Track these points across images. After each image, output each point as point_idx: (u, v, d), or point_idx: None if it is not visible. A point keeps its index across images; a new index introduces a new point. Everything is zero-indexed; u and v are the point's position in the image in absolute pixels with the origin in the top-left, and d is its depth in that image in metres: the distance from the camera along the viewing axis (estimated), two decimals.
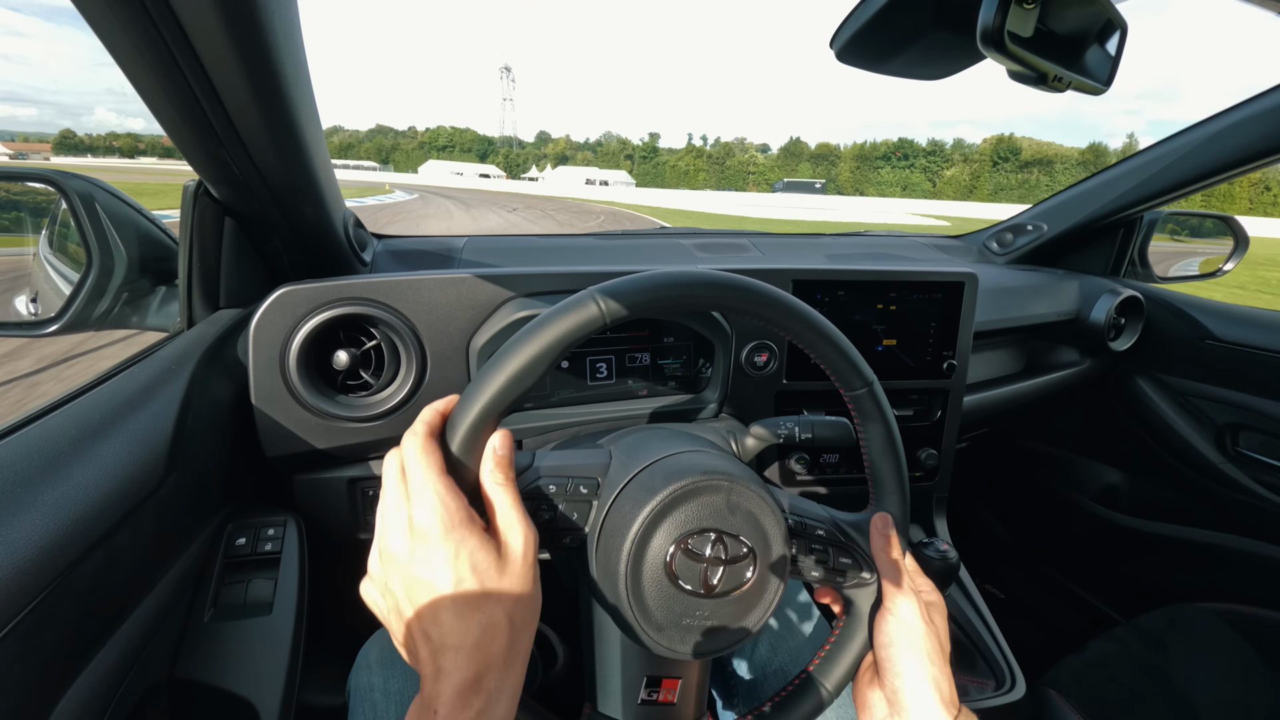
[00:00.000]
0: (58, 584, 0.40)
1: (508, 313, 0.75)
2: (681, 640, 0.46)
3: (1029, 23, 0.46)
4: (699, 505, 0.46)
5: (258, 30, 0.49)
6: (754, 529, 0.47)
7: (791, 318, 0.49)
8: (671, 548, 0.45)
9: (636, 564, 0.45)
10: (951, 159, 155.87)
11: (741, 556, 0.46)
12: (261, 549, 0.64)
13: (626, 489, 0.48)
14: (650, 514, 0.45)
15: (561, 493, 0.48)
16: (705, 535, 0.45)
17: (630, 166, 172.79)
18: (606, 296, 0.44)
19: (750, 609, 0.48)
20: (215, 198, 0.72)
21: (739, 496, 0.47)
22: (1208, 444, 1.23)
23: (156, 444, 0.54)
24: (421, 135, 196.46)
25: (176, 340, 0.71)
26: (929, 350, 0.99)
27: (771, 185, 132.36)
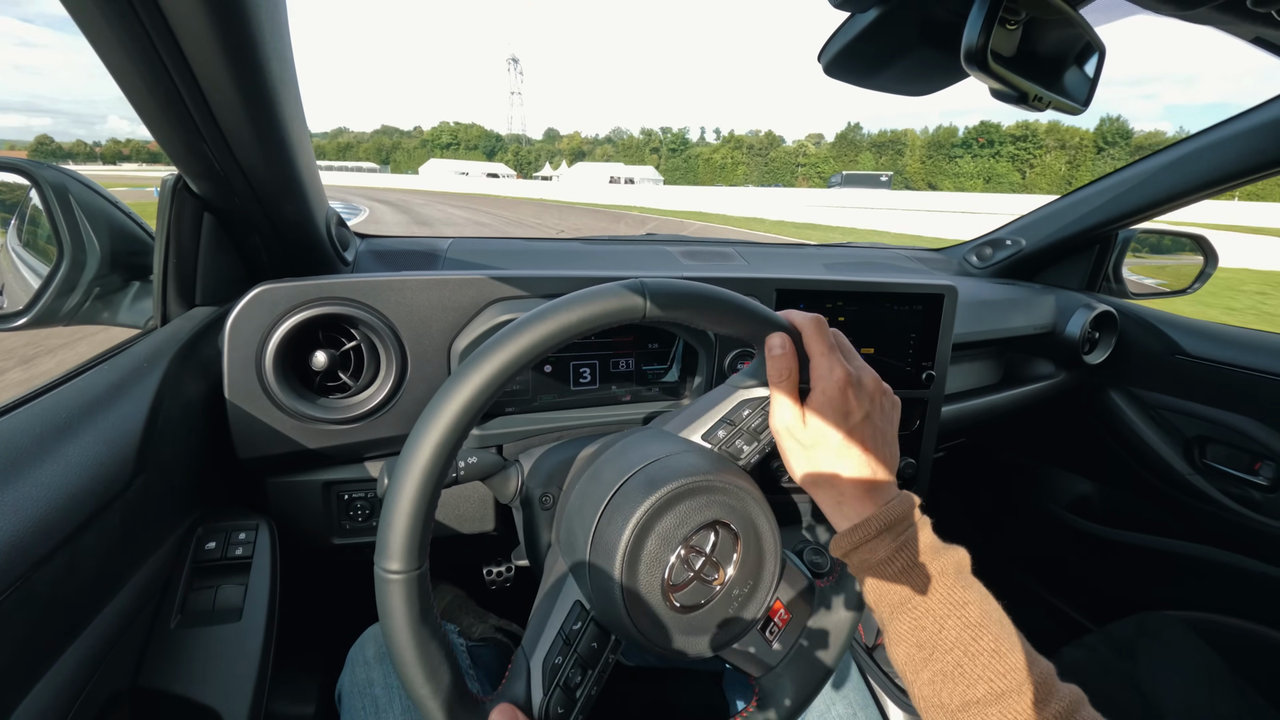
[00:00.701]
0: (16, 588, 0.38)
1: (490, 316, 0.75)
2: (696, 645, 0.47)
3: (1011, 43, 0.47)
4: (675, 515, 0.45)
5: (243, 23, 0.48)
6: (730, 513, 0.47)
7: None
8: (662, 581, 0.45)
9: (630, 603, 0.44)
10: (1045, 145, 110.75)
11: (718, 543, 0.46)
12: (232, 553, 0.62)
13: (594, 577, 0.46)
14: (621, 575, 0.44)
15: (568, 654, 0.47)
16: (690, 548, 0.45)
17: (657, 161, 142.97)
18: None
19: (753, 594, 0.48)
20: (194, 192, 0.70)
21: (708, 492, 0.46)
22: (1177, 456, 1.26)
23: (125, 444, 0.52)
24: (424, 134, 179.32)
25: (149, 337, 0.69)
26: (909, 360, 1.00)
27: (827, 180, 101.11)
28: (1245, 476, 1.16)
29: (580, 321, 0.41)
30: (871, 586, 0.45)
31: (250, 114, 0.56)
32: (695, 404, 0.55)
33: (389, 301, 0.72)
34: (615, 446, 0.53)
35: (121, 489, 0.50)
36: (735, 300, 0.47)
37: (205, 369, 0.69)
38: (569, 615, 0.48)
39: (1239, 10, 0.43)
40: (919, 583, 0.43)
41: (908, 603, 0.43)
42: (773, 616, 0.53)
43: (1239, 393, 1.17)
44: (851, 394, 0.47)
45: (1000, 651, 0.40)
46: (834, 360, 0.48)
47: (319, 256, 0.86)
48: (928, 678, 0.41)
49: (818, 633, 0.55)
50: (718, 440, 0.52)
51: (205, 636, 0.55)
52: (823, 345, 0.48)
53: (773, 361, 0.48)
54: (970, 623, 0.41)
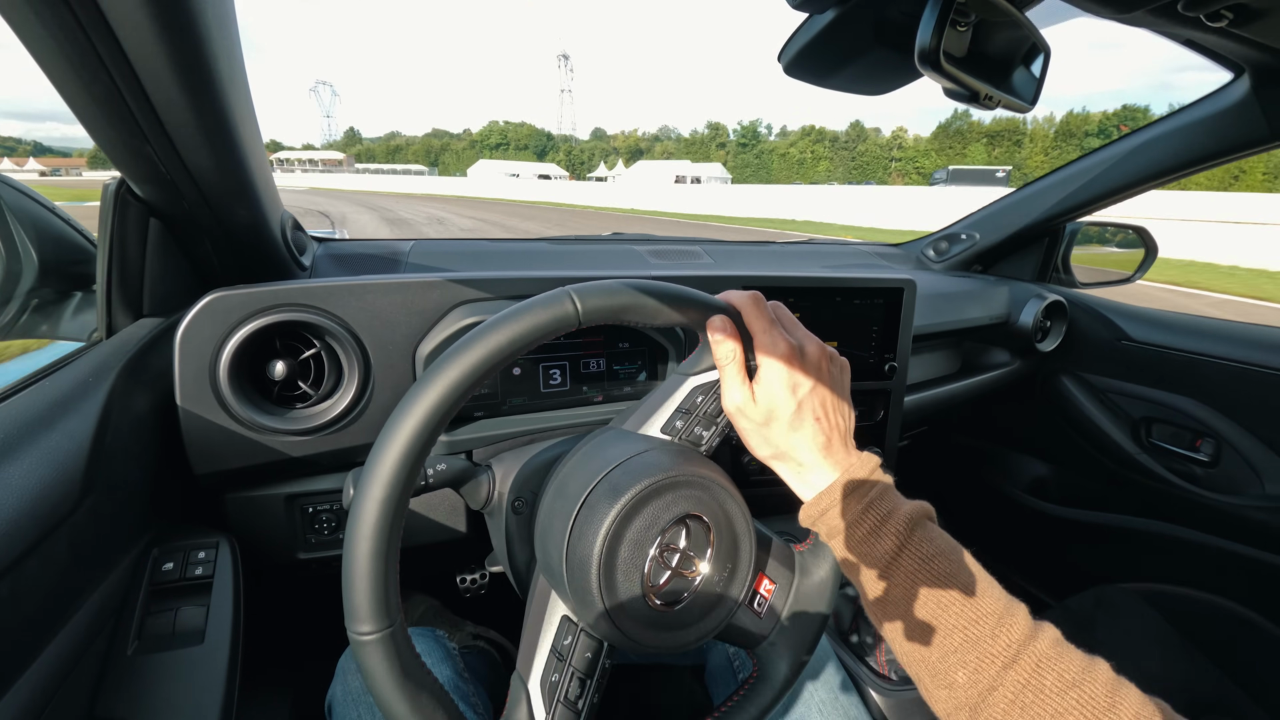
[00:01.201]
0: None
1: (456, 319, 0.74)
2: (687, 637, 0.47)
3: (962, 44, 0.49)
4: (644, 518, 0.45)
5: (187, 16, 0.45)
6: (698, 504, 0.47)
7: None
8: (641, 584, 0.45)
9: (614, 611, 0.44)
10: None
11: (693, 534, 0.47)
12: (191, 574, 0.60)
13: (575, 592, 0.46)
14: (599, 577, 0.43)
15: (563, 669, 0.47)
16: (664, 547, 0.45)
17: (725, 158, 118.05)
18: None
19: (730, 583, 0.49)
20: (139, 197, 0.67)
21: (672, 489, 0.46)
22: (1125, 436, 1.33)
23: (70, 464, 0.50)
24: (473, 135, 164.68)
25: (94, 350, 0.66)
26: (871, 353, 1.03)
27: (929, 176, 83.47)
28: (1188, 453, 1.23)
29: (513, 343, 0.40)
30: (843, 550, 0.46)
31: (197, 113, 0.54)
32: (649, 398, 0.55)
33: (349, 307, 0.70)
34: (577, 455, 0.52)
35: (68, 511, 0.48)
36: (668, 290, 0.47)
37: (155, 382, 0.66)
38: (558, 632, 0.48)
39: (1171, 15, 0.46)
40: (888, 542, 0.44)
41: (879, 562, 0.44)
42: (758, 589, 0.54)
43: (1180, 375, 1.23)
44: (797, 365, 0.47)
45: (971, 599, 0.41)
46: (775, 334, 0.48)
47: (274, 262, 0.83)
48: (905, 632, 0.42)
49: (804, 595, 0.56)
50: (676, 431, 0.52)
51: (166, 661, 0.52)
52: (763, 321, 0.49)
53: (716, 345, 0.48)
54: (941, 574, 0.42)
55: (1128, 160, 1.18)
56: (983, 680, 0.38)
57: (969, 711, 0.39)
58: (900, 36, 0.56)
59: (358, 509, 0.38)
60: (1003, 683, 0.38)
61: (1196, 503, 1.20)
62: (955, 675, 0.40)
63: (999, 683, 0.38)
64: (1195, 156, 1.07)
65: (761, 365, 0.48)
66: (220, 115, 0.56)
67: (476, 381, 0.40)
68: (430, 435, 0.39)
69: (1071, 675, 0.37)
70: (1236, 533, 1.16)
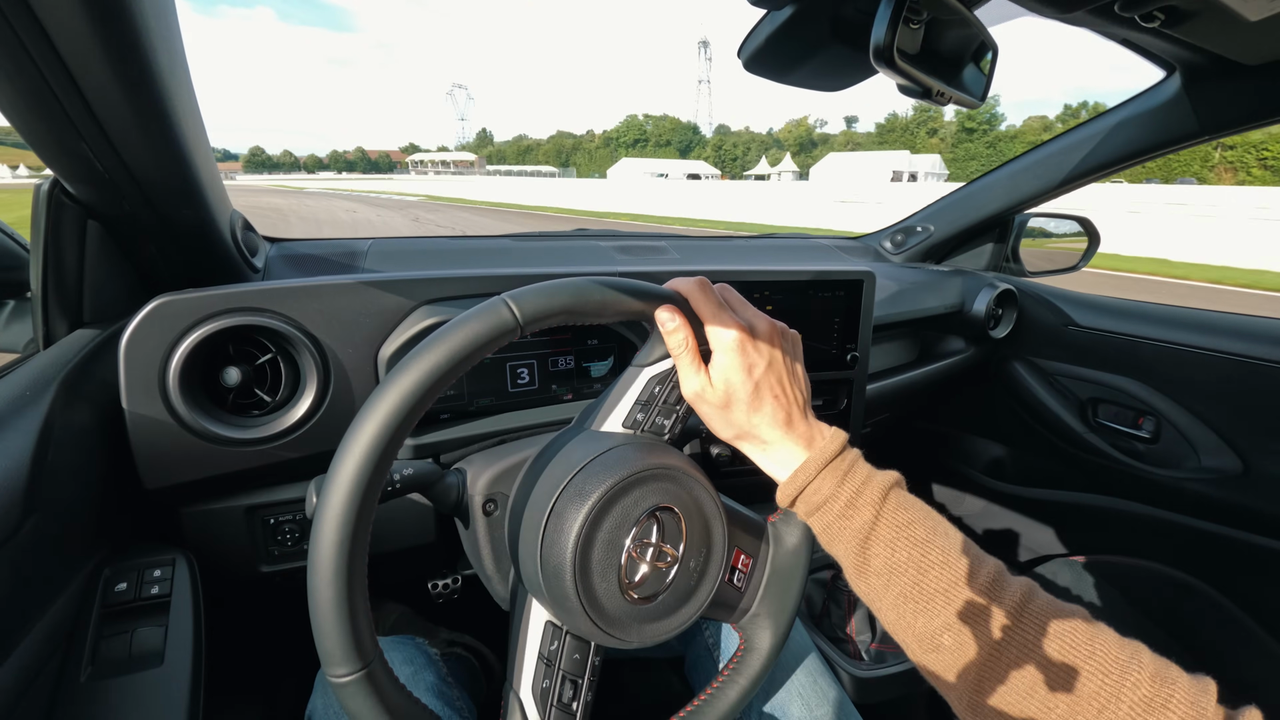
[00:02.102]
0: None
1: (419, 319, 0.72)
2: (670, 626, 0.47)
3: (915, 41, 0.50)
4: (613, 518, 0.45)
5: (120, 4, 0.43)
6: (666, 494, 0.47)
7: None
8: (618, 582, 0.45)
9: (595, 612, 0.44)
10: None
11: (665, 525, 0.47)
12: (147, 593, 0.57)
13: (554, 598, 0.46)
14: (573, 564, 0.43)
15: (553, 674, 0.47)
16: (637, 543, 0.46)
17: (941, 146, 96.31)
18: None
19: (704, 575, 0.49)
20: (75, 198, 0.63)
21: (639, 484, 0.46)
22: (1073, 417, 1.39)
23: (8, 483, 0.47)
24: (608, 132, 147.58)
25: (30, 362, 0.62)
26: (834, 344, 1.05)
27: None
28: (1131, 431, 1.30)
29: (451, 361, 0.38)
30: (821, 526, 0.47)
31: (135, 108, 0.51)
32: (607, 394, 0.54)
33: (306, 309, 0.68)
34: (542, 461, 0.52)
35: (9, 534, 0.45)
36: (611, 285, 0.46)
37: (99, 393, 0.63)
38: (544, 638, 0.48)
39: (1108, 15, 0.48)
40: (865, 513, 0.45)
41: (859, 533, 0.45)
42: (735, 564, 0.55)
43: (1122, 357, 1.30)
44: (750, 345, 0.48)
45: (949, 561, 0.42)
46: (725, 316, 0.48)
47: (224, 264, 0.80)
48: (890, 602, 0.43)
49: (779, 564, 0.57)
50: (638, 423, 0.52)
51: (123, 686, 0.50)
52: (711, 305, 0.49)
53: (668, 335, 0.48)
54: (918, 540, 0.43)
55: (1071, 154, 1.23)
56: (969, 640, 0.40)
57: (958, 672, 0.40)
58: (856, 33, 0.57)
59: (316, 547, 0.36)
60: (988, 643, 0.39)
61: (1140, 477, 1.27)
62: (941, 639, 0.41)
63: (985, 643, 0.39)
64: (1134, 150, 1.12)
65: (714, 349, 0.48)
66: (160, 109, 0.53)
67: (421, 401, 0.38)
68: (386, 455, 0.37)
69: (1054, 626, 0.38)
70: (1176, 504, 1.23)
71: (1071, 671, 0.36)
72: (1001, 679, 0.38)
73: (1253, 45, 0.79)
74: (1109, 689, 0.35)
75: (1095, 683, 0.36)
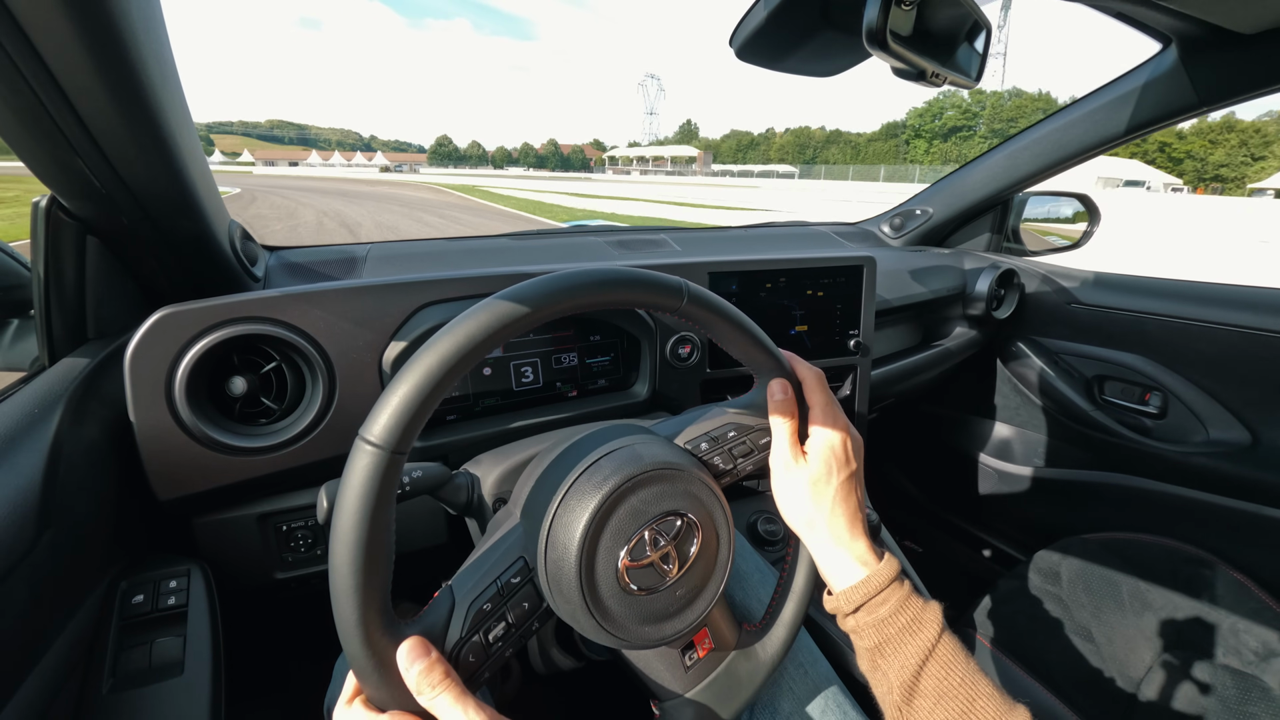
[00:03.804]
0: None
1: (421, 322, 0.72)
2: (627, 632, 0.46)
3: (908, 22, 0.50)
4: (624, 513, 0.45)
5: (111, 21, 0.43)
6: (697, 508, 0.47)
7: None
8: (619, 562, 0.44)
9: (595, 605, 0.44)
10: None
11: (680, 531, 0.47)
12: (164, 604, 0.58)
13: (550, 544, 0.45)
14: (581, 547, 0.43)
15: (499, 605, 0.45)
16: (641, 540, 0.46)
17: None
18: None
19: (711, 570, 0.49)
20: (73, 214, 0.64)
21: (686, 482, 0.47)
22: (1079, 395, 1.39)
23: (23, 501, 0.47)
24: (915, 114, 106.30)
25: (37, 380, 0.62)
26: (837, 330, 1.05)
27: None
28: (1138, 407, 1.29)
29: (626, 295, 0.44)
30: (880, 639, 0.47)
31: (129, 122, 0.51)
32: (682, 416, 0.56)
33: (307, 316, 0.68)
34: (595, 430, 0.53)
35: (25, 550, 0.46)
36: (753, 330, 0.51)
37: (108, 407, 0.63)
38: (509, 568, 0.46)
39: None
40: (929, 632, 0.46)
41: (918, 652, 0.45)
42: (696, 642, 0.54)
43: (1127, 333, 1.29)
44: (849, 447, 0.51)
45: (996, 694, 0.44)
46: (836, 413, 0.52)
47: (225, 274, 0.80)
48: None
49: (731, 676, 0.55)
50: (700, 451, 0.53)
51: (144, 697, 0.51)
52: (824, 397, 0.53)
53: (777, 404, 0.52)
54: (972, 669, 0.45)
55: (1069, 131, 1.22)
56: None
57: None
58: (847, 18, 0.57)
59: (437, 342, 0.38)
60: None
61: (1148, 453, 1.27)
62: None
63: None
64: (1132, 125, 1.11)
65: (817, 437, 0.51)
66: (154, 122, 0.53)
67: (574, 309, 0.42)
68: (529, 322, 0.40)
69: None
70: (1186, 479, 1.23)
71: None
72: None
73: (1249, 13, 0.78)
74: None
75: None
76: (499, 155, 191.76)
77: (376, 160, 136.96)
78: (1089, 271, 1.42)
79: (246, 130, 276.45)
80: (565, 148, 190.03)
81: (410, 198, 24.39)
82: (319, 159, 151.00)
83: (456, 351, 0.38)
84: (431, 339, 0.38)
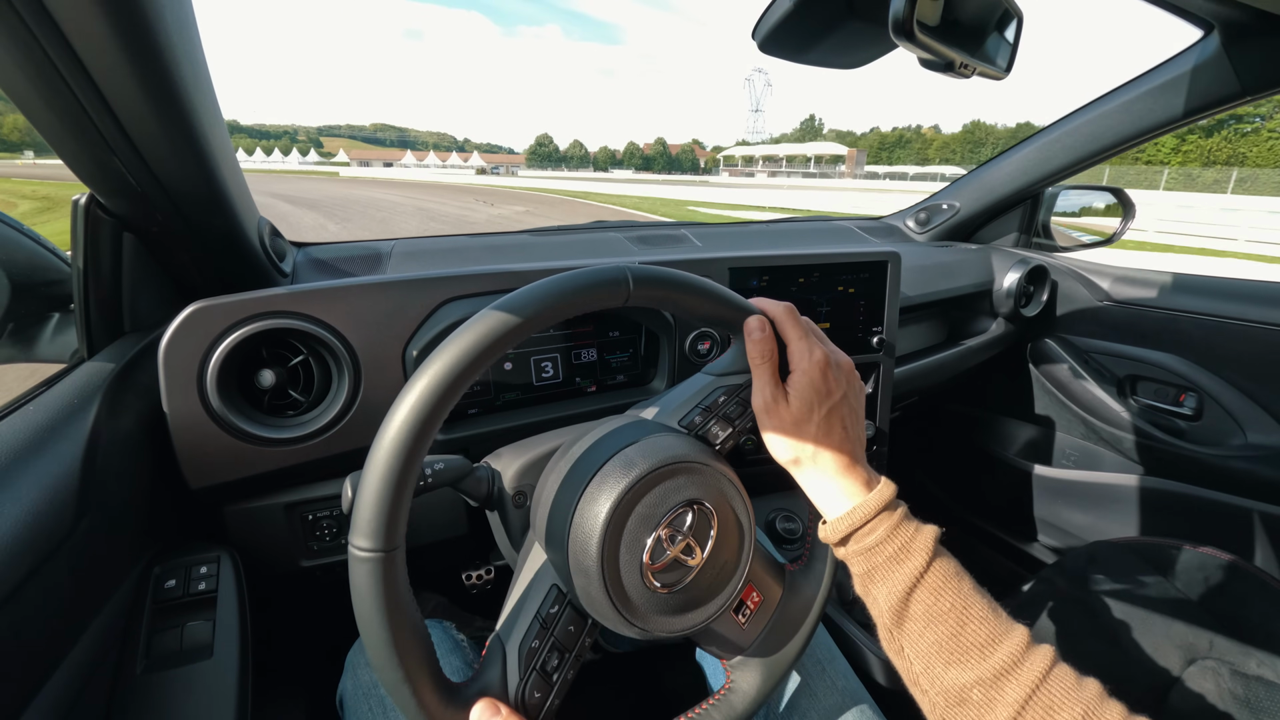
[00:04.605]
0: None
1: (444, 317, 0.73)
2: (672, 624, 0.47)
3: (936, 12, 0.49)
4: (634, 524, 0.45)
5: (145, 25, 0.44)
6: (707, 492, 0.47)
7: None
8: (644, 570, 0.45)
9: (616, 595, 0.44)
10: None
11: (694, 522, 0.47)
12: (195, 589, 0.60)
13: (575, 572, 0.46)
14: (599, 555, 0.44)
15: (546, 637, 0.46)
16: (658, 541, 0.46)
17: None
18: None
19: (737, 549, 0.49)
20: (110, 212, 0.66)
21: (687, 473, 0.46)
22: (1111, 395, 1.35)
23: (62, 488, 0.49)
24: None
25: (76, 372, 0.65)
26: (859, 327, 1.03)
27: None
28: (1172, 409, 1.25)
29: (573, 289, 0.42)
30: (867, 567, 0.47)
31: (164, 122, 0.53)
32: (671, 392, 0.56)
33: (334, 310, 0.70)
34: (591, 434, 0.53)
35: (65, 536, 0.47)
36: (711, 287, 0.49)
37: (143, 399, 0.65)
38: (545, 599, 0.48)
39: None
40: (917, 559, 0.45)
41: (906, 579, 0.45)
42: (745, 600, 0.54)
43: (1161, 331, 1.25)
44: (830, 374, 0.49)
45: (988, 617, 0.43)
46: (812, 343, 0.50)
47: (254, 270, 0.82)
48: (922, 650, 0.44)
49: (789, 614, 0.56)
50: (694, 426, 0.52)
51: (176, 678, 0.52)
52: (799, 330, 0.51)
53: (754, 344, 0.50)
54: (964, 591, 0.44)
55: (1104, 123, 1.19)
56: (997, 699, 0.40)
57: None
58: (873, 7, 0.56)
59: (387, 427, 0.38)
60: (1015, 701, 0.39)
61: (1183, 456, 1.23)
62: (971, 693, 0.41)
63: (1013, 701, 0.39)
64: (1170, 116, 1.07)
65: (796, 370, 0.49)
66: (187, 122, 0.55)
67: (529, 330, 0.41)
68: (477, 367, 0.39)
69: (1073, 693, 0.39)
70: (1222, 483, 1.19)
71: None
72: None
73: None
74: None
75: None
76: (602, 156, 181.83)
77: (473, 161, 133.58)
78: (1121, 268, 1.38)
79: (352, 133, 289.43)
80: (674, 147, 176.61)
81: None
82: (414, 159, 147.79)
83: (411, 428, 0.37)
84: (383, 425, 0.38)
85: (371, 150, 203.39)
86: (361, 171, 79.04)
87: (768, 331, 0.50)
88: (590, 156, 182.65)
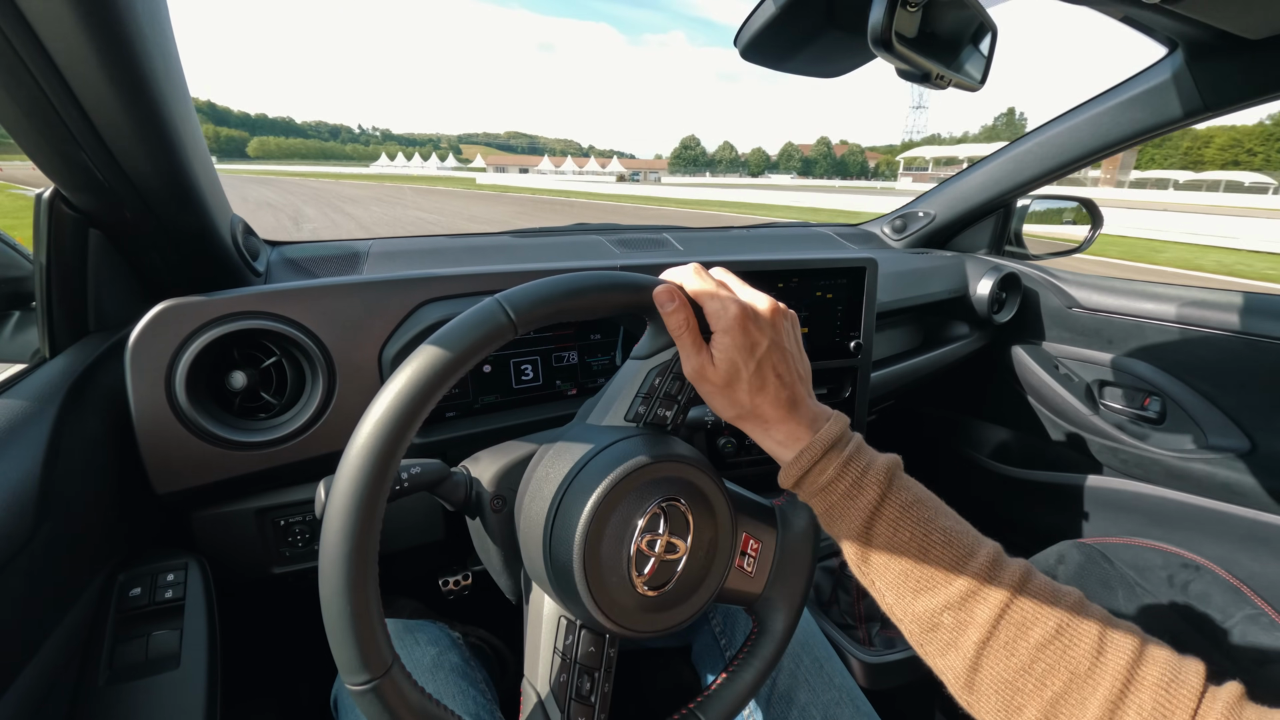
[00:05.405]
0: None
1: (422, 319, 0.72)
2: (682, 614, 0.48)
3: (913, 24, 0.50)
4: (620, 513, 0.45)
5: (115, 14, 0.43)
6: (672, 486, 0.47)
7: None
8: (625, 571, 0.44)
9: (605, 606, 0.44)
10: None
11: (667, 521, 0.46)
12: (161, 597, 0.58)
13: (563, 593, 0.46)
14: (580, 565, 0.43)
15: (569, 666, 0.47)
16: (645, 535, 0.46)
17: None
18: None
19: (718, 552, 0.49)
20: (75, 207, 0.64)
21: (645, 475, 0.46)
22: (1079, 399, 1.39)
23: (20, 493, 0.47)
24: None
25: (38, 372, 0.62)
26: (837, 332, 1.05)
27: None
28: (1137, 412, 1.29)
29: (446, 367, 0.38)
30: (825, 507, 0.47)
31: (132, 116, 0.51)
32: (607, 389, 0.55)
33: (308, 311, 0.68)
34: (546, 457, 0.52)
35: (23, 542, 0.46)
36: (605, 278, 0.46)
37: (108, 401, 0.63)
38: (558, 633, 0.48)
39: None
40: (870, 494, 0.45)
41: (862, 514, 0.45)
42: (744, 549, 0.54)
43: (1127, 337, 1.29)
44: (751, 325, 0.48)
45: (951, 541, 0.43)
46: (724, 296, 0.48)
47: (226, 269, 0.80)
48: (891, 581, 0.44)
49: (789, 547, 0.57)
50: (640, 416, 0.52)
51: (141, 690, 0.51)
52: (710, 286, 0.49)
53: (668, 317, 0.48)
54: (922, 520, 0.44)
55: (1073, 135, 1.22)
56: (968, 621, 0.40)
57: (956, 650, 0.40)
58: (853, 19, 0.57)
59: (326, 572, 0.36)
60: (986, 621, 0.39)
61: (1147, 458, 1.27)
62: (941, 618, 0.41)
63: (984, 621, 0.40)
64: (1136, 130, 1.11)
65: (715, 328, 0.48)
66: (157, 115, 0.53)
67: (405, 431, 0.38)
68: (386, 473, 0.37)
69: (1049, 605, 0.39)
70: (1183, 484, 1.23)
71: (1065, 648, 0.37)
72: (998, 657, 0.39)
73: (1256, 19, 0.78)
74: (1099, 664, 0.37)
75: (1087, 660, 0.37)
76: (755, 159, 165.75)
77: (611, 167, 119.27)
78: (1090, 276, 1.42)
79: (488, 141, 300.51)
80: (839, 148, 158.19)
81: None
82: (550, 165, 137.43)
83: (353, 526, 0.36)
84: (323, 525, 0.36)
85: (506, 156, 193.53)
86: (498, 178, 71.81)
87: (679, 299, 0.48)
88: (742, 160, 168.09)
